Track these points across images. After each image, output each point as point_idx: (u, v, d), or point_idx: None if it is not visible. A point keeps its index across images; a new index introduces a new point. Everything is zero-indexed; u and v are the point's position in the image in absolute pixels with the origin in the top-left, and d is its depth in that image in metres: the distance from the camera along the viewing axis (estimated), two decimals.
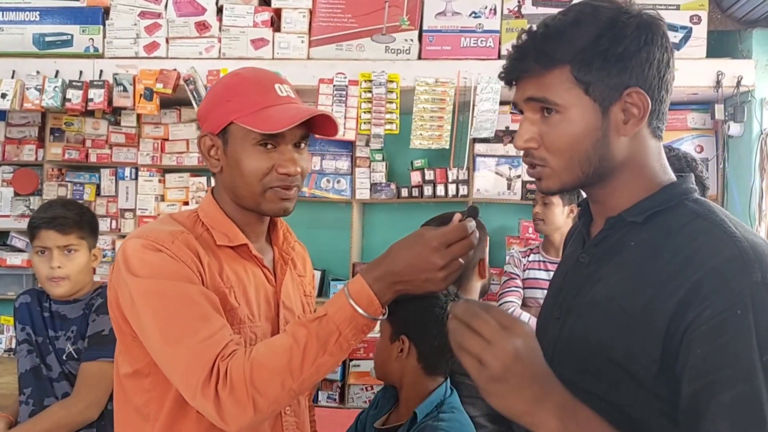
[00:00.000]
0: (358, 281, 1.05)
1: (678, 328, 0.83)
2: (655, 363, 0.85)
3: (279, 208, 1.20)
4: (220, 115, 1.18)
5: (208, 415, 1.05)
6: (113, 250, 3.74)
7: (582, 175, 0.95)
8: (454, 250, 1.01)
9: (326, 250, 3.64)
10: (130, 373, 1.18)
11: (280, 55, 3.44)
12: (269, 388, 1.02)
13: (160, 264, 1.11)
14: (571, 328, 0.99)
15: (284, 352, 1.03)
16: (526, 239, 3.55)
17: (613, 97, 0.92)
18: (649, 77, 0.92)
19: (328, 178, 3.65)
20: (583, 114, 0.92)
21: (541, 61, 0.92)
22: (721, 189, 3.40)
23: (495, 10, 3.41)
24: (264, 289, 1.25)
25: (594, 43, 0.90)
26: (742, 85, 3.14)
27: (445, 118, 3.33)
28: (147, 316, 1.09)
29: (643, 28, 0.91)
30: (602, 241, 0.99)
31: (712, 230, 0.88)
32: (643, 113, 0.92)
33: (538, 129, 0.95)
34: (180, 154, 3.73)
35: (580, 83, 0.91)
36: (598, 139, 0.93)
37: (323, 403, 3.38)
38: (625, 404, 0.88)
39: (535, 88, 0.94)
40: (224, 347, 1.05)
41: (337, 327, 1.03)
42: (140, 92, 3.36)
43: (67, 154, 3.75)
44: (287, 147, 1.18)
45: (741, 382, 0.78)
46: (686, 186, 0.96)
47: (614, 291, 0.92)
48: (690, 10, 3.24)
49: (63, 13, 3.58)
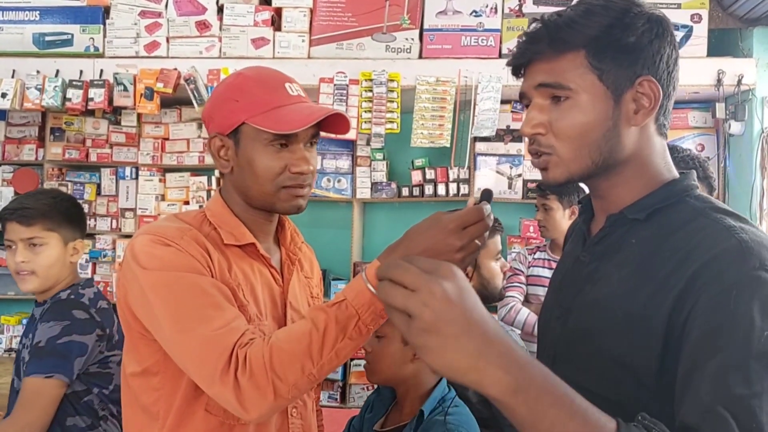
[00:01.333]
0: (375, 266, 1.05)
1: (677, 321, 0.83)
2: (656, 361, 0.85)
3: (292, 206, 1.21)
4: (229, 115, 1.17)
5: (227, 402, 1.04)
6: (113, 249, 3.74)
7: (591, 165, 0.94)
8: (470, 231, 1.02)
9: (327, 250, 3.62)
10: (138, 372, 1.18)
11: (281, 54, 3.44)
12: (289, 372, 1.02)
13: (170, 257, 1.11)
14: (572, 328, 0.99)
15: (304, 336, 1.03)
16: (527, 238, 3.55)
17: (625, 86, 0.92)
18: (660, 70, 0.92)
19: (329, 178, 3.65)
20: (594, 101, 0.91)
21: (555, 45, 0.92)
22: (722, 187, 3.41)
23: (496, 8, 3.41)
24: (271, 289, 1.25)
25: (607, 31, 0.90)
26: (742, 84, 3.15)
27: (446, 117, 3.33)
28: (159, 306, 1.08)
29: (654, 21, 0.92)
30: (603, 239, 0.98)
31: (711, 226, 0.88)
32: (654, 103, 0.92)
33: (548, 116, 0.94)
34: (180, 153, 3.73)
35: (595, 69, 0.91)
36: (609, 128, 0.92)
37: (324, 403, 3.39)
38: (626, 403, 0.88)
39: (546, 74, 0.93)
40: (242, 335, 1.05)
41: (356, 311, 1.04)
42: (141, 92, 3.35)
43: (67, 153, 3.75)
44: (299, 146, 1.18)
45: (730, 356, 0.77)
46: (687, 183, 0.96)
47: (615, 290, 0.92)
48: (691, 9, 3.24)
49: (63, 12, 3.58)
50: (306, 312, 1.11)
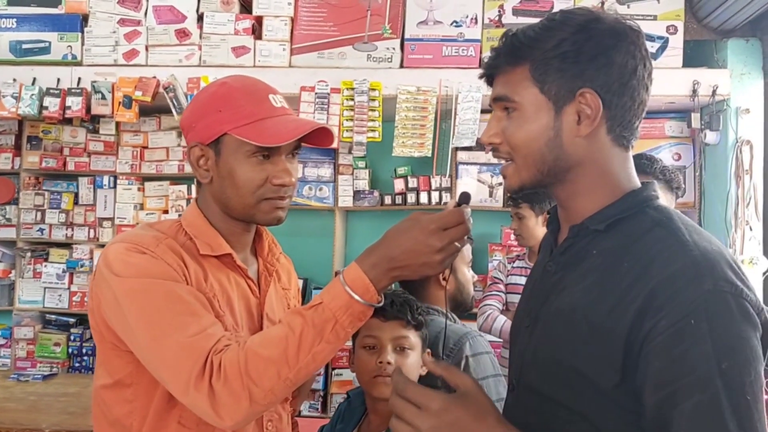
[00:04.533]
0: (353, 268, 1.04)
1: (636, 337, 0.84)
2: (616, 373, 0.86)
3: (273, 218, 1.20)
4: (211, 125, 1.16)
5: (202, 410, 1.02)
6: (91, 259, 3.69)
7: (538, 173, 0.97)
8: (451, 233, 1.02)
9: (308, 259, 3.61)
10: (110, 384, 1.16)
11: (262, 62, 3.43)
12: (265, 377, 1.01)
13: (145, 265, 1.09)
14: (538, 337, 1.00)
15: (280, 340, 1.02)
16: (508, 246, 3.57)
17: (566, 98, 0.94)
18: (607, 82, 0.93)
19: (311, 186, 3.64)
20: (537, 113, 0.95)
21: (508, 60, 0.97)
22: (699, 196, 3.45)
23: (476, 19, 3.43)
24: (247, 300, 1.24)
25: (557, 45, 0.93)
26: (717, 94, 3.20)
27: (427, 126, 3.34)
28: (133, 314, 1.07)
29: (609, 33, 0.93)
30: (567, 250, 1.00)
31: (667, 239, 0.89)
32: (595, 114, 0.94)
33: (502, 126, 0.99)
34: (159, 162, 3.70)
35: (537, 82, 0.95)
36: (551, 138, 0.95)
37: (305, 413, 3.36)
38: (589, 413, 0.89)
39: (501, 87, 0.99)
40: (217, 342, 1.04)
41: (334, 314, 1.02)
42: (119, 100, 3.32)
43: (44, 162, 3.70)
44: (281, 158, 1.17)
45: (699, 392, 0.80)
46: (647, 193, 0.98)
47: (577, 300, 0.93)
48: (667, 21, 3.29)
49: (41, 20, 3.54)
50: (282, 316, 1.10)
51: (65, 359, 3.73)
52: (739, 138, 3.20)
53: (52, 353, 3.71)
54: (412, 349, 1.54)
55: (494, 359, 1.70)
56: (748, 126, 3.21)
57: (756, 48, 3.25)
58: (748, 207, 3.18)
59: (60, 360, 3.71)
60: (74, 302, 3.74)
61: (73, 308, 3.75)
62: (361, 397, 1.63)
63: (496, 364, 1.70)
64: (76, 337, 3.75)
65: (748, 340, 0.82)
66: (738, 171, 3.20)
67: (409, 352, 1.53)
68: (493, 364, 1.68)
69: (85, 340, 3.76)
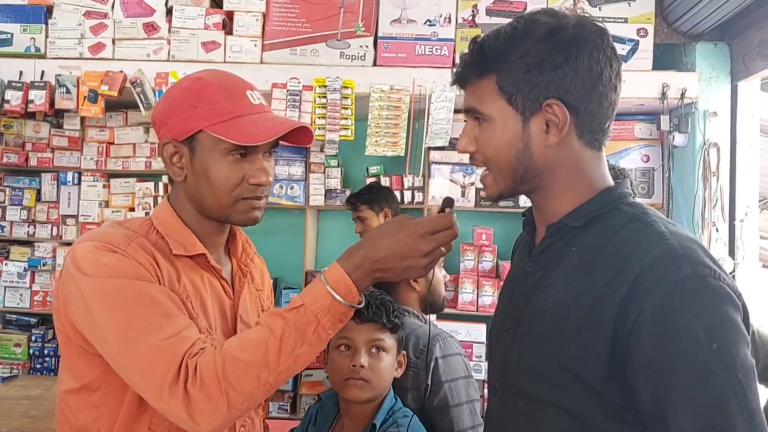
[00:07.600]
0: (335, 269, 1.03)
1: (624, 327, 0.86)
2: (604, 366, 0.87)
3: (249, 218, 1.17)
4: (186, 121, 1.11)
5: (177, 416, 0.98)
6: (54, 258, 3.59)
7: (512, 183, 0.99)
8: (438, 237, 1.02)
9: (278, 258, 3.56)
10: (76, 388, 1.11)
11: (232, 58, 3.37)
12: (244, 382, 0.98)
13: (116, 264, 1.04)
14: (521, 338, 1.00)
15: (260, 343, 1.00)
16: (480, 246, 3.57)
17: (533, 108, 0.95)
18: (573, 90, 0.93)
19: (281, 184, 3.60)
20: (505, 124, 0.96)
21: (475, 71, 0.97)
22: (667, 197, 3.51)
23: (450, 18, 3.43)
24: (221, 301, 1.20)
25: (522, 55, 0.93)
26: (686, 97, 3.25)
27: (400, 125, 3.33)
28: (103, 316, 1.02)
29: (572, 41, 0.93)
30: (546, 249, 1.01)
31: (644, 230, 0.92)
32: (563, 124, 0.94)
33: (474, 136, 1.00)
34: (126, 158, 3.62)
35: (503, 93, 0.95)
36: (520, 149, 0.96)
37: (274, 414, 3.32)
38: (577, 410, 0.90)
39: (470, 97, 1.00)
40: (192, 345, 1.00)
41: (316, 316, 1.01)
42: (84, 94, 3.23)
43: (5, 157, 3.60)
44: (258, 156, 1.13)
45: (693, 375, 0.82)
46: (621, 191, 1.00)
47: (562, 297, 0.94)
48: (637, 24, 3.33)
49: (2, 10, 3.42)
50: (260, 318, 1.06)
51: (26, 360, 3.63)
52: (707, 140, 3.26)
53: (12, 354, 3.61)
54: (386, 351, 1.52)
55: (466, 361, 1.71)
56: (715, 129, 3.27)
57: (724, 52, 3.31)
58: (715, 208, 3.23)
59: (21, 361, 3.61)
60: (36, 302, 3.64)
61: (35, 308, 3.65)
62: (334, 399, 1.60)
63: (468, 366, 1.70)
64: (38, 337, 3.65)
65: (732, 320, 0.84)
66: (705, 173, 3.25)
67: (384, 355, 1.51)
68: (465, 366, 1.67)
69: (47, 341, 3.66)
